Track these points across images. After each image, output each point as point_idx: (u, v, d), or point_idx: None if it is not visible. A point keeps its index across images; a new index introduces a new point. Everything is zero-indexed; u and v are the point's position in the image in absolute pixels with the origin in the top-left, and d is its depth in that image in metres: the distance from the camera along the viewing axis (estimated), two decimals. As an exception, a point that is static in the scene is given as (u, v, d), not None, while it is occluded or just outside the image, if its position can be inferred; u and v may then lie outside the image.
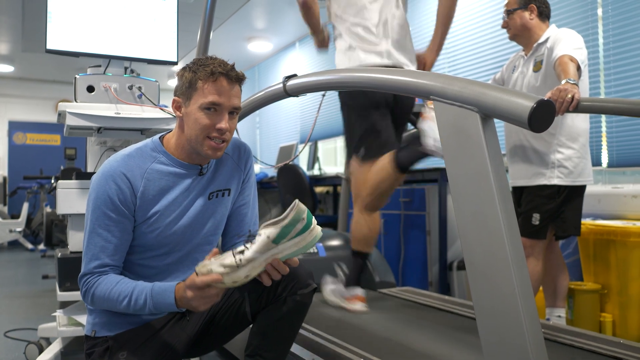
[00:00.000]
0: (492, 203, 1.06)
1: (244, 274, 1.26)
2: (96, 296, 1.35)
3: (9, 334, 2.94)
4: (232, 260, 1.25)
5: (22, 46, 6.87)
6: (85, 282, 1.37)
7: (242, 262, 1.24)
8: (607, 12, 3.13)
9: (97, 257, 1.36)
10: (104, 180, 1.37)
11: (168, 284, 1.33)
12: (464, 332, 2.06)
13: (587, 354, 1.81)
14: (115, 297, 1.33)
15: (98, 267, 1.36)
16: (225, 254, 1.28)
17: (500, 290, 1.06)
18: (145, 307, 1.32)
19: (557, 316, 2.50)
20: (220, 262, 1.25)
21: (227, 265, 1.24)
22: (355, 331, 2.09)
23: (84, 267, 1.38)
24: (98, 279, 1.36)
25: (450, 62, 4.34)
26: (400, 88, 1.33)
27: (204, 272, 1.25)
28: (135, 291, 1.32)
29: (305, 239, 1.27)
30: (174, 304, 1.30)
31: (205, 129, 1.37)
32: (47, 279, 4.67)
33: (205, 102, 1.35)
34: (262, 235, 1.25)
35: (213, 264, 1.26)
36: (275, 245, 1.26)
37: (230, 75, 1.37)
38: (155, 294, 1.31)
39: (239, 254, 1.25)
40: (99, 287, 1.35)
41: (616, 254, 2.60)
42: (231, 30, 6.30)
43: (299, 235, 1.26)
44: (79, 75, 2.26)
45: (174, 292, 1.30)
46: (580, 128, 2.41)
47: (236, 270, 1.25)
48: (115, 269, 1.39)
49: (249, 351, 1.49)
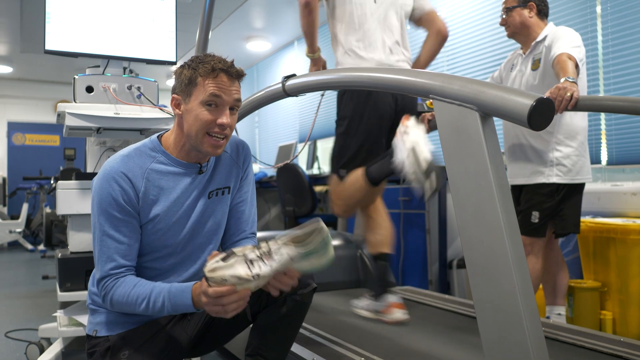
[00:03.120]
0: (492, 201, 1.07)
1: (255, 286, 1.26)
2: (115, 300, 1.35)
3: (9, 335, 2.94)
4: (247, 272, 1.23)
5: (20, 47, 6.86)
6: (104, 287, 1.36)
7: (257, 277, 1.24)
8: (606, 9, 3.13)
9: (112, 259, 1.35)
10: (106, 182, 1.37)
11: (185, 284, 1.32)
12: (464, 331, 2.06)
13: (588, 352, 1.81)
14: (134, 300, 1.32)
15: (114, 269, 1.35)
16: (235, 258, 1.26)
17: (501, 288, 1.06)
18: (163, 309, 1.31)
19: (557, 314, 2.50)
20: (233, 272, 1.23)
21: (241, 277, 1.23)
22: (356, 330, 2.09)
23: (100, 271, 1.36)
24: (116, 282, 1.35)
25: (448, 61, 4.34)
26: (400, 87, 1.33)
27: (216, 280, 1.23)
28: (153, 293, 1.32)
29: (320, 260, 1.27)
30: (192, 305, 1.29)
31: (206, 124, 1.36)
32: (47, 279, 4.67)
33: (207, 97, 1.35)
34: (285, 255, 1.25)
35: (224, 270, 1.24)
36: (293, 264, 1.26)
37: (231, 72, 1.38)
38: (172, 295, 1.31)
39: (253, 263, 1.24)
40: (117, 290, 1.34)
41: (616, 252, 2.60)
42: (230, 29, 6.30)
43: (316, 256, 1.26)
44: (78, 76, 2.26)
45: (190, 293, 1.29)
46: (578, 126, 2.41)
47: (249, 282, 1.24)
48: (131, 269, 1.39)
49: (249, 351, 1.49)
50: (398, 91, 1.42)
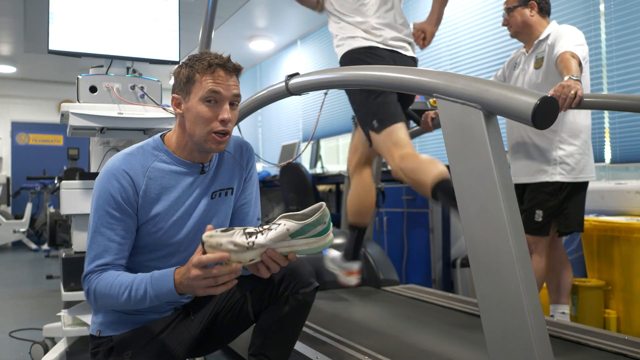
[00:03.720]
0: (495, 200, 1.07)
1: (250, 257, 1.24)
2: (98, 292, 1.32)
3: (14, 334, 2.96)
4: (243, 240, 1.22)
5: (24, 47, 6.89)
6: (87, 281, 1.35)
7: (253, 245, 1.22)
8: (610, 7, 3.12)
9: (100, 257, 1.35)
10: (107, 179, 1.37)
11: (167, 269, 1.30)
12: (468, 329, 2.06)
13: (592, 351, 1.81)
14: (116, 291, 1.30)
15: (100, 266, 1.35)
16: (234, 230, 1.25)
17: (505, 287, 1.06)
18: (146, 297, 1.28)
19: (561, 313, 2.50)
20: (230, 238, 1.23)
21: (237, 244, 1.22)
22: (359, 329, 2.09)
23: (86, 267, 1.36)
24: (99, 275, 1.33)
25: (451, 60, 4.34)
26: (404, 86, 1.33)
27: (212, 244, 1.22)
28: (135, 282, 1.30)
29: (318, 242, 1.25)
30: (174, 288, 1.26)
31: (207, 121, 1.36)
32: (51, 279, 4.69)
33: (205, 93, 1.35)
34: (282, 226, 1.23)
35: (222, 237, 1.23)
36: (290, 239, 1.24)
37: (228, 66, 1.38)
38: (154, 280, 1.28)
39: (250, 235, 1.23)
40: (99, 282, 1.32)
41: (620, 250, 2.60)
42: (232, 29, 6.30)
43: (314, 237, 1.25)
44: (82, 76, 2.26)
45: (173, 276, 1.27)
46: (581, 124, 2.41)
47: (244, 252, 1.23)
48: (118, 267, 1.37)
49: (252, 350, 1.50)
50: (402, 90, 1.41)
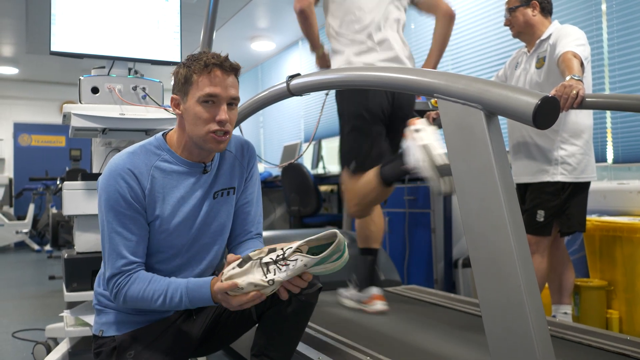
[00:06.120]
0: (497, 200, 1.06)
1: (270, 291, 1.30)
2: (128, 296, 1.35)
3: (16, 335, 2.96)
4: (262, 278, 1.28)
5: (26, 48, 6.89)
6: (116, 284, 1.35)
7: (273, 283, 1.28)
8: (611, 7, 3.12)
9: (122, 256, 1.35)
10: (113, 179, 1.37)
11: (202, 280, 1.35)
12: (470, 329, 2.06)
13: (594, 351, 1.81)
14: (150, 296, 1.34)
15: (125, 265, 1.35)
16: (249, 264, 1.30)
17: (506, 287, 1.05)
18: (181, 303, 1.34)
19: (563, 313, 2.50)
20: (248, 279, 1.28)
21: (257, 284, 1.28)
22: (362, 329, 2.09)
23: (110, 268, 1.36)
24: (129, 279, 1.35)
25: (453, 60, 4.34)
26: (404, 86, 1.33)
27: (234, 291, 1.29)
28: (169, 289, 1.33)
29: (334, 265, 1.30)
30: (211, 299, 1.32)
31: (205, 122, 1.36)
32: (53, 279, 4.70)
33: (202, 94, 1.35)
34: (299, 262, 1.27)
35: (239, 278, 1.29)
36: (307, 269, 1.29)
37: (225, 66, 1.37)
38: (190, 290, 1.33)
39: (268, 269, 1.28)
40: (131, 287, 1.34)
41: (622, 251, 2.59)
42: (234, 29, 6.30)
43: (330, 263, 1.29)
44: (84, 77, 2.27)
45: (209, 287, 1.32)
46: (583, 124, 2.40)
47: (264, 289, 1.29)
48: (141, 265, 1.39)
49: (255, 351, 1.50)
50: (403, 90, 1.42)
